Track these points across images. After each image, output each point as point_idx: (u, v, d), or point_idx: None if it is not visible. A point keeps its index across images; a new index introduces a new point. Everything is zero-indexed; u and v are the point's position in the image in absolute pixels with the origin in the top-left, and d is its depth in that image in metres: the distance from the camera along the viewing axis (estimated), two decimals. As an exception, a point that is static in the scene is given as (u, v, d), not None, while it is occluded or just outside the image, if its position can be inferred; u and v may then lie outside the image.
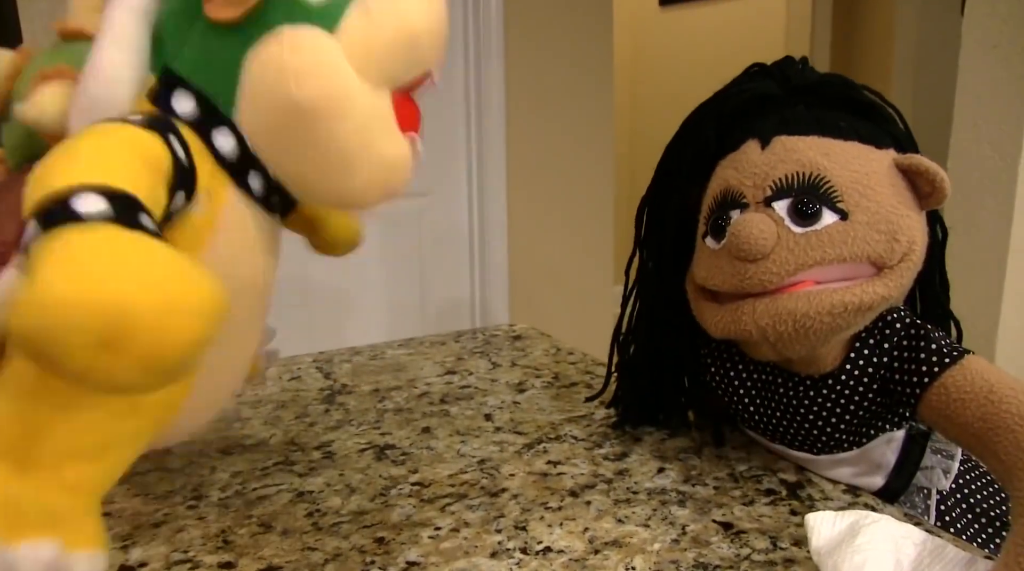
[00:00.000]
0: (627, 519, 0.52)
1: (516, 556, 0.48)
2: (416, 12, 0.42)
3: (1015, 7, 1.33)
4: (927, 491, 0.57)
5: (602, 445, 0.64)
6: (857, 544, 0.41)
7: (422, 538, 0.50)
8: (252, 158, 0.41)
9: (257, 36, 0.39)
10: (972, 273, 1.44)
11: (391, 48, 0.41)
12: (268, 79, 0.39)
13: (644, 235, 0.64)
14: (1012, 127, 1.36)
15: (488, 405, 0.73)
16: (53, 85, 0.40)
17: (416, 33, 0.42)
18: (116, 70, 0.38)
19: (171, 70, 0.40)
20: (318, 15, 0.40)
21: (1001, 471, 0.44)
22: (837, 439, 0.56)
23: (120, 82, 0.39)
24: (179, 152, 0.37)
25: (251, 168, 0.42)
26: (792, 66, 0.58)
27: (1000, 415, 0.44)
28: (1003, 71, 1.36)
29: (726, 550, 0.48)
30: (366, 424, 0.69)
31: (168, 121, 0.38)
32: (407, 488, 0.57)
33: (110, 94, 0.38)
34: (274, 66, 0.38)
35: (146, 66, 0.40)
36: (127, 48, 0.39)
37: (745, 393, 0.59)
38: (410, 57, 0.42)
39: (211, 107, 0.40)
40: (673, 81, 3.65)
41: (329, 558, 0.48)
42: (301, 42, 0.39)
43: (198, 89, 0.40)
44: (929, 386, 0.49)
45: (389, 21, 0.41)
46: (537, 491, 0.56)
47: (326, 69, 0.39)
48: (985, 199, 1.42)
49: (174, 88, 0.40)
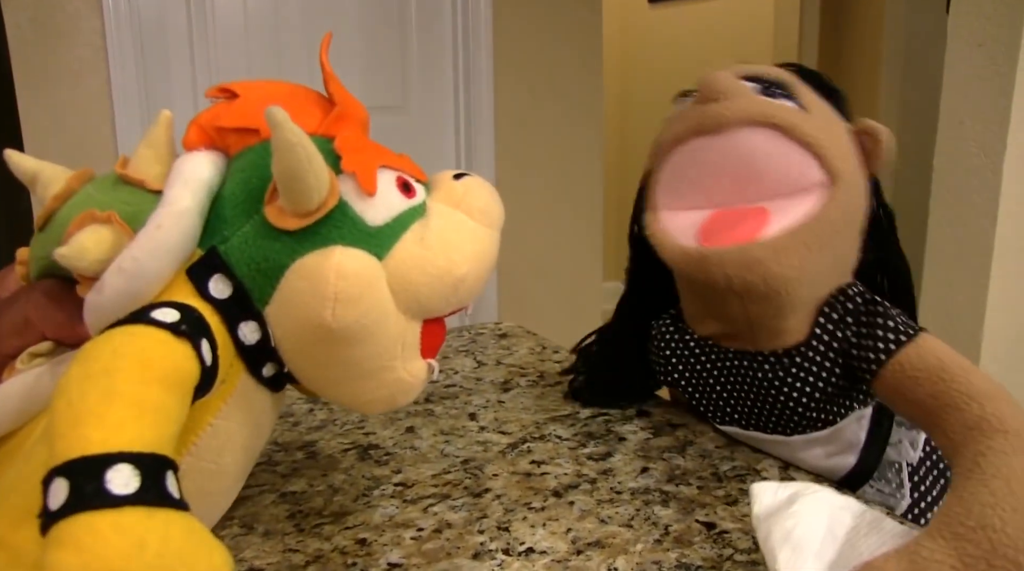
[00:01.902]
0: (610, 519, 0.52)
1: (498, 557, 0.48)
2: (468, 255, 0.42)
3: (1000, 5, 1.34)
4: (898, 465, 0.59)
5: (586, 445, 0.64)
6: (792, 510, 0.42)
7: (404, 539, 0.50)
8: (272, 352, 0.41)
9: (308, 248, 0.38)
10: (957, 270, 1.45)
11: (434, 286, 0.41)
12: (306, 295, 0.38)
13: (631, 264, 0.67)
14: (997, 125, 1.37)
15: (472, 404, 0.73)
16: (100, 229, 0.38)
17: (462, 277, 0.41)
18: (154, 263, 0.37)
19: (217, 252, 0.40)
20: (373, 238, 0.39)
21: (947, 446, 0.45)
22: (809, 417, 0.57)
23: (165, 260, 0.38)
24: (208, 358, 0.37)
25: (268, 361, 0.41)
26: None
27: (950, 393, 0.46)
28: (988, 69, 1.37)
29: (708, 550, 0.48)
30: (350, 424, 0.69)
31: (200, 321, 0.37)
32: (390, 488, 0.57)
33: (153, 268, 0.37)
34: (315, 285, 0.38)
35: (195, 242, 0.40)
36: (171, 248, 0.38)
37: (715, 383, 0.60)
38: (450, 297, 0.42)
39: (245, 297, 0.40)
40: (663, 78, 3.65)
41: (311, 560, 0.48)
42: (348, 269, 0.38)
43: (237, 278, 0.40)
44: (885, 363, 0.50)
45: (440, 260, 0.41)
46: (520, 491, 0.56)
47: (366, 301, 0.38)
48: (971, 196, 1.42)
49: (215, 271, 0.39)
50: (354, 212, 0.40)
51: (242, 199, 0.40)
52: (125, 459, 0.30)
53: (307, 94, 0.44)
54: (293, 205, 0.38)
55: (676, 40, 3.63)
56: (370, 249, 0.39)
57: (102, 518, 0.29)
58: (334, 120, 0.42)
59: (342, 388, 0.42)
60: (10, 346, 0.40)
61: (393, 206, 0.41)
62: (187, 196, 0.39)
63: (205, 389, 0.37)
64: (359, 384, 0.41)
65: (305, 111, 0.42)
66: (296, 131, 0.36)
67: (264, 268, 0.39)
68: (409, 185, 0.43)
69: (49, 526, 0.29)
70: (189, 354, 0.35)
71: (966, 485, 0.40)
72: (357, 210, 0.40)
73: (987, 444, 0.42)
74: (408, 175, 0.43)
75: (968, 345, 1.44)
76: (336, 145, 0.40)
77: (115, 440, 0.30)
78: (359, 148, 0.41)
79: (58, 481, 0.29)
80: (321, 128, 0.41)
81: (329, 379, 0.42)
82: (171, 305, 0.37)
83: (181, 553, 0.30)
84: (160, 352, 0.34)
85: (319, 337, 0.39)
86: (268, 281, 0.39)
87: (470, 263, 0.42)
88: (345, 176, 0.40)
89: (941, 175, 1.47)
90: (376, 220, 0.40)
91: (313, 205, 0.38)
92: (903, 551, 0.38)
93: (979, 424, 0.43)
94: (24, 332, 0.40)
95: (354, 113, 0.43)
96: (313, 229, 0.39)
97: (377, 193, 0.40)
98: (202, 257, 0.40)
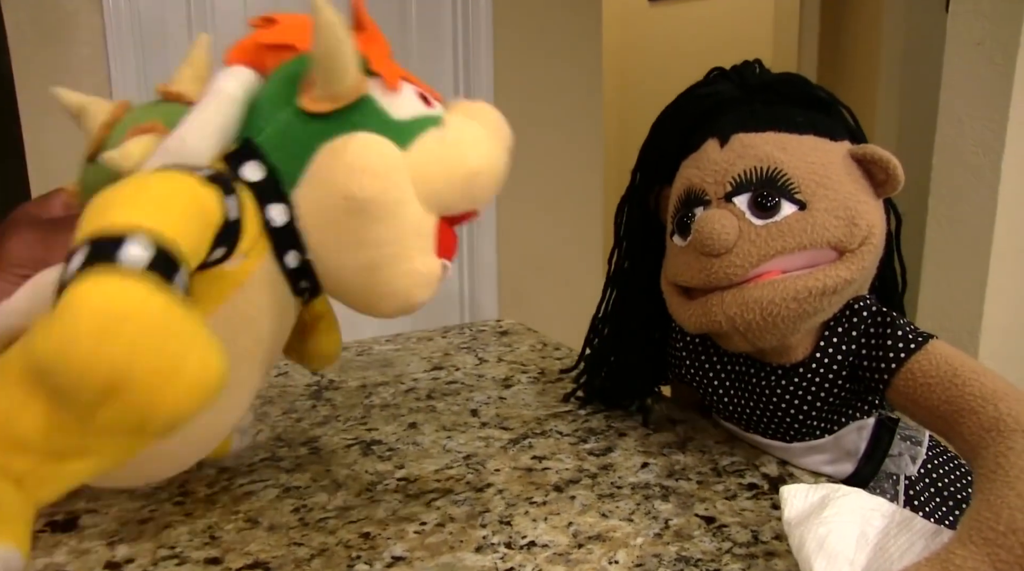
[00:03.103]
0: (611, 513, 0.53)
1: (501, 551, 0.48)
2: (482, 153, 0.46)
3: (998, 5, 1.34)
4: (896, 477, 0.59)
5: (587, 440, 0.64)
6: (824, 516, 0.42)
7: (408, 533, 0.51)
8: (297, 237, 0.43)
9: (337, 131, 0.42)
10: (956, 269, 1.46)
11: (451, 179, 0.44)
12: (335, 171, 0.41)
13: (622, 234, 0.67)
14: (996, 124, 1.37)
15: (474, 400, 0.74)
16: (143, 137, 0.42)
17: (477, 172, 0.45)
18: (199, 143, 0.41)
19: (252, 142, 0.43)
20: (396, 129, 0.43)
21: (966, 450, 0.45)
22: (809, 426, 0.57)
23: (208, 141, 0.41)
24: (231, 212, 0.40)
25: (292, 247, 0.44)
26: (749, 68, 0.61)
27: (964, 397, 0.46)
28: (987, 68, 1.37)
29: (708, 544, 0.49)
30: (353, 420, 0.70)
31: (228, 181, 0.41)
32: (393, 483, 0.57)
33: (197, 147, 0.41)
34: (344, 160, 0.41)
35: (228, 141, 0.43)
36: (214, 129, 0.42)
37: (720, 385, 0.61)
38: (465, 192, 0.45)
39: (275, 182, 0.43)
40: (662, 77, 3.65)
41: (315, 553, 0.48)
42: (372, 146, 0.42)
43: (269, 163, 0.43)
44: (896, 372, 0.51)
45: (457, 154, 0.44)
46: (522, 486, 0.57)
47: (388, 176, 0.42)
48: (969, 195, 1.43)
49: (249, 158, 0.43)
50: (380, 105, 0.43)
51: (278, 97, 0.44)
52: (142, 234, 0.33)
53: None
54: (327, 84, 0.41)
55: (676, 38, 3.63)
56: (393, 138, 0.43)
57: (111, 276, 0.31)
58: (364, 40, 0.45)
59: (361, 277, 0.44)
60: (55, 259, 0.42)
61: (414, 108, 0.45)
62: (234, 84, 0.43)
63: (225, 243, 0.40)
64: (377, 272, 0.43)
65: None
66: (335, 15, 0.40)
67: (296, 151, 0.43)
68: (428, 99, 0.46)
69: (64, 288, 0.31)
70: (215, 197, 0.38)
71: (991, 488, 0.40)
72: (382, 104, 0.43)
73: (1007, 444, 0.41)
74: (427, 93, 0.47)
75: (966, 342, 1.45)
76: (363, 51, 0.44)
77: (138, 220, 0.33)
78: (385, 58, 0.45)
79: (79, 253, 0.32)
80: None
81: (348, 265, 0.44)
82: (204, 168, 0.40)
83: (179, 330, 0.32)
84: (189, 184, 0.37)
85: (343, 211, 0.42)
86: (298, 163, 0.42)
87: (484, 161, 0.46)
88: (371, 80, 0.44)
89: (940, 174, 1.47)
90: (399, 115, 0.44)
91: (345, 85, 0.41)
92: (934, 559, 0.38)
93: (996, 425, 0.43)
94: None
95: (380, 38, 0.47)
96: (343, 115, 0.42)
97: (400, 95, 0.44)
98: (238, 147, 0.43)
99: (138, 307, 0.31)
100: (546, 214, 2.27)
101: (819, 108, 0.58)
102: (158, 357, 0.31)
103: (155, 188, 0.36)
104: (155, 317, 0.31)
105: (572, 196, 2.31)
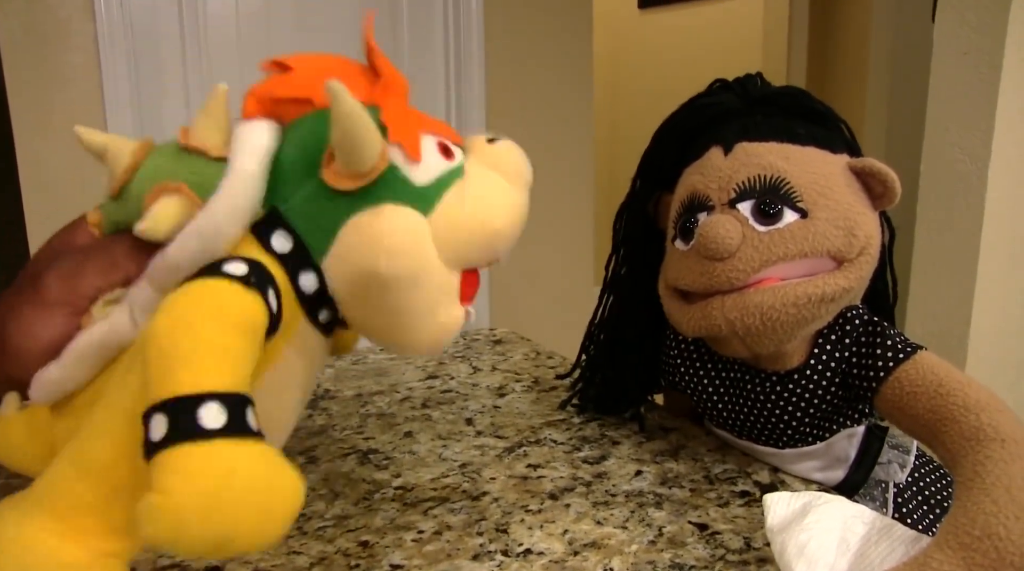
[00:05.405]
0: (605, 521, 0.53)
1: (497, 558, 0.49)
2: (502, 211, 0.46)
3: (984, 16, 1.36)
4: (884, 484, 0.60)
5: (581, 448, 0.65)
6: (805, 523, 0.43)
7: (405, 541, 0.51)
8: (328, 299, 0.45)
9: (362, 206, 0.43)
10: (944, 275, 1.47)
11: (472, 238, 0.45)
12: (362, 248, 0.43)
13: (620, 240, 0.68)
14: (982, 132, 1.39)
15: (469, 409, 0.74)
16: (171, 201, 0.43)
17: (497, 230, 0.46)
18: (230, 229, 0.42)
19: (278, 211, 0.44)
20: (419, 196, 0.44)
21: (948, 459, 0.46)
22: (802, 433, 0.58)
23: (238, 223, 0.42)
24: (274, 306, 0.41)
25: (325, 307, 0.45)
26: (751, 80, 0.62)
27: (947, 407, 0.47)
28: (973, 77, 1.39)
29: (701, 551, 0.50)
30: (349, 429, 0.70)
31: (266, 273, 0.42)
32: (390, 492, 0.58)
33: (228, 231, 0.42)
34: (370, 238, 0.42)
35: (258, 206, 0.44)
36: (244, 212, 0.42)
37: (714, 391, 0.62)
38: (487, 250, 0.46)
39: (304, 250, 0.44)
40: (653, 84, 3.67)
41: (314, 562, 0.49)
42: (398, 223, 0.43)
43: (297, 234, 0.44)
44: (884, 380, 0.52)
45: (477, 215, 0.45)
46: (517, 494, 0.57)
47: (414, 252, 0.43)
48: (957, 202, 1.44)
49: (277, 227, 0.44)
50: (402, 174, 0.44)
51: (300, 164, 0.44)
52: (213, 398, 0.35)
53: (354, 66, 0.48)
54: (349, 167, 0.42)
55: (666, 45, 3.65)
56: (417, 206, 0.44)
57: (198, 448, 0.34)
58: (381, 90, 0.46)
59: (392, 332, 0.46)
60: (91, 286, 0.44)
61: (435, 168, 0.45)
62: (253, 162, 0.43)
63: (271, 333, 0.41)
64: (408, 329, 0.45)
65: (353, 82, 0.45)
66: (353, 102, 0.40)
67: (322, 224, 0.44)
68: (448, 149, 0.47)
69: (153, 453, 0.34)
70: (259, 303, 0.40)
71: (969, 495, 0.41)
72: (404, 172, 0.44)
73: (985, 453, 0.43)
74: (447, 139, 0.48)
75: (955, 349, 1.46)
76: (383, 117, 0.44)
77: (204, 382, 0.35)
78: (403, 118, 0.46)
79: (157, 416, 0.34)
80: (369, 97, 0.45)
81: (378, 325, 0.46)
82: (240, 259, 0.41)
83: (265, 476, 0.35)
84: (234, 302, 0.39)
85: (372, 285, 0.43)
86: (326, 236, 0.43)
87: (505, 219, 0.46)
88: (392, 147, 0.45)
89: (927, 181, 1.49)
90: (421, 180, 0.44)
91: (367, 167, 0.42)
92: (913, 563, 0.39)
93: (976, 434, 0.44)
94: (110, 273, 0.44)
95: (397, 83, 0.47)
96: (366, 189, 0.43)
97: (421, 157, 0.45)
98: (265, 216, 0.44)
99: (228, 474, 0.33)
100: (537, 220, 2.27)
101: (818, 121, 0.59)
102: (257, 513, 0.34)
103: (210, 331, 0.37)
104: (245, 478, 0.34)
105: (563, 202, 2.32)
